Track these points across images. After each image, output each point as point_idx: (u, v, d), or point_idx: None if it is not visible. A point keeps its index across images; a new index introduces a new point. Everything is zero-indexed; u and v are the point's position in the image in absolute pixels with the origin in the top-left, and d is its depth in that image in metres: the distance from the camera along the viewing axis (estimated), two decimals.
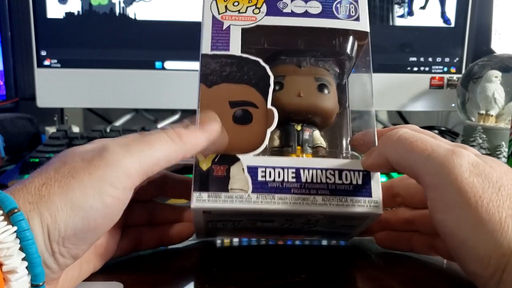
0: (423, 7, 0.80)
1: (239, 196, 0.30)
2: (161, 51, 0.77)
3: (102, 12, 0.75)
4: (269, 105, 0.32)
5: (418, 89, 0.82)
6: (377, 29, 0.79)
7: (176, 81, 0.77)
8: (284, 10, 0.34)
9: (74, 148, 0.28)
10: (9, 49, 0.84)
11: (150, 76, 0.78)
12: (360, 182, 0.31)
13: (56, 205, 0.24)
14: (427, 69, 0.81)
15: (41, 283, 0.24)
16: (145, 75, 0.77)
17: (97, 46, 0.76)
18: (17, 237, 0.23)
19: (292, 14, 0.34)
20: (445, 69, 0.82)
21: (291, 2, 0.35)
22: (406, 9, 0.80)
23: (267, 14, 0.34)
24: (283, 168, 0.31)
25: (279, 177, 0.31)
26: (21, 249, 0.23)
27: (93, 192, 0.25)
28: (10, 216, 0.23)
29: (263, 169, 0.31)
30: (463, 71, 0.80)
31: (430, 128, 0.85)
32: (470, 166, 0.26)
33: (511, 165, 0.42)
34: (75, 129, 0.78)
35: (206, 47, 0.33)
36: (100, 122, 0.91)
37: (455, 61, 0.82)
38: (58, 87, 0.77)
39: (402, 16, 0.80)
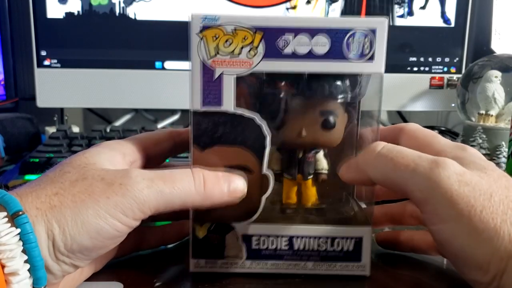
0: (423, 7, 0.80)
1: (234, 263, 0.32)
2: (161, 51, 0.77)
3: (102, 12, 0.75)
4: (264, 170, 0.31)
5: (418, 89, 0.82)
6: None
7: (176, 81, 0.77)
8: (285, 51, 0.29)
9: (91, 159, 0.28)
10: (9, 49, 0.84)
11: (150, 76, 0.78)
12: (351, 248, 0.32)
13: (66, 218, 0.24)
14: (427, 69, 0.81)
15: (42, 287, 0.24)
16: (145, 75, 0.77)
17: (97, 46, 0.76)
18: (20, 239, 0.23)
19: (294, 56, 0.29)
20: (445, 69, 0.82)
21: (294, 37, 0.29)
22: (406, 9, 0.80)
23: (265, 56, 0.29)
24: (277, 237, 0.32)
25: (272, 245, 0.32)
26: (23, 251, 0.23)
27: (106, 215, 0.25)
28: (15, 219, 0.23)
29: (257, 238, 0.32)
30: (463, 71, 0.80)
31: (430, 128, 0.85)
32: (458, 177, 0.26)
33: (511, 165, 0.42)
34: (75, 129, 0.78)
35: (196, 102, 0.30)
36: (100, 122, 0.91)
37: (455, 61, 0.82)
38: (58, 87, 0.76)
39: (402, 16, 0.80)
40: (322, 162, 0.34)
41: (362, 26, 0.29)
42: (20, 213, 0.23)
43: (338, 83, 0.31)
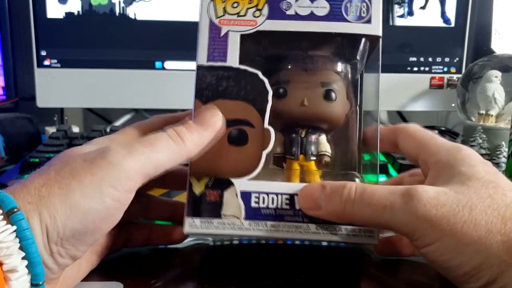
0: (423, 7, 0.80)
1: (231, 223, 0.30)
2: (161, 51, 0.77)
3: (102, 12, 0.75)
4: (266, 124, 0.31)
5: (418, 89, 0.82)
6: None
7: (176, 81, 0.77)
8: (288, 12, 0.32)
9: (75, 149, 0.28)
10: (9, 49, 0.84)
11: (150, 76, 0.78)
12: None
13: (55, 206, 0.24)
14: (427, 69, 0.81)
15: (41, 282, 0.24)
16: (145, 75, 0.77)
17: (97, 46, 0.76)
18: (16, 236, 0.23)
19: (296, 16, 0.32)
20: (445, 69, 0.82)
21: (296, 1, 0.32)
22: (406, 9, 0.80)
23: (269, 17, 0.32)
24: (277, 194, 0.30)
25: (272, 203, 0.30)
26: (20, 248, 0.23)
27: (93, 193, 0.25)
28: (10, 216, 0.23)
29: (257, 195, 0.30)
30: (463, 71, 0.80)
31: (430, 128, 0.85)
32: (433, 201, 0.26)
33: (511, 165, 0.42)
34: (75, 129, 0.78)
35: (202, 58, 0.32)
36: (100, 122, 0.91)
37: (455, 61, 0.82)
38: (58, 87, 0.76)
39: (402, 16, 0.80)
40: (325, 145, 0.33)
41: None
42: (15, 210, 0.23)
43: (337, 52, 0.33)
